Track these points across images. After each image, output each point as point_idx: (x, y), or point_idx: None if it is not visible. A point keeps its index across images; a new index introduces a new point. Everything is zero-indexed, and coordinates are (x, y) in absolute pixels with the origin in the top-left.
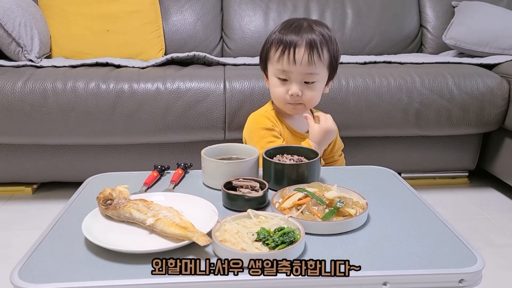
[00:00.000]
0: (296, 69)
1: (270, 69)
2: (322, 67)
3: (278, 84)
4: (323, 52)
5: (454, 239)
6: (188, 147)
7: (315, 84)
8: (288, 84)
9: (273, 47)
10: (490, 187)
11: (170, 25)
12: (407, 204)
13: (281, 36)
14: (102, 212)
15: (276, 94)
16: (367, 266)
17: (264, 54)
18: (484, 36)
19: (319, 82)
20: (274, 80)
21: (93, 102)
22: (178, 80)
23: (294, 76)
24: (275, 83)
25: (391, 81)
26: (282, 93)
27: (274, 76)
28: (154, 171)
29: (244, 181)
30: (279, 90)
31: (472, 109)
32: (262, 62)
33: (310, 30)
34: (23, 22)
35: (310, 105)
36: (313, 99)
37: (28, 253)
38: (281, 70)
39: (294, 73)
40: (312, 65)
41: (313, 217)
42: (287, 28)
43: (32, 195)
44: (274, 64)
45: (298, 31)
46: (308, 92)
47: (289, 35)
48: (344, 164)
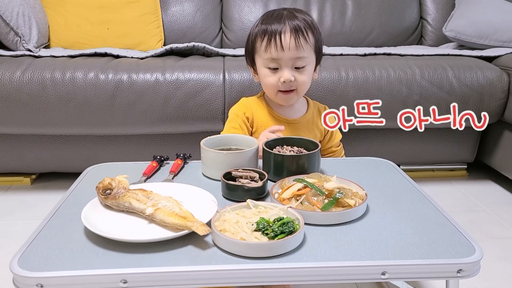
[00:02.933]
0: (285, 55)
1: (259, 61)
2: (310, 50)
3: (269, 74)
4: (309, 36)
5: (452, 230)
6: (188, 137)
7: (305, 68)
8: (279, 72)
9: (258, 39)
10: (489, 180)
11: (169, 16)
12: (406, 195)
13: (264, 27)
14: (101, 201)
15: (268, 84)
16: (366, 256)
17: (250, 48)
18: (484, 28)
19: (309, 66)
20: (264, 71)
21: (92, 93)
22: (178, 71)
23: (284, 62)
24: (265, 73)
25: (391, 73)
26: (274, 81)
27: (264, 66)
28: (154, 162)
29: (244, 171)
30: (270, 80)
31: (471, 102)
32: (248, 56)
33: (292, 16)
34: (21, 11)
35: (302, 90)
36: (305, 84)
37: (28, 241)
38: (270, 59)
39: (284, 59)
40: (300, 49)
41: (313, 207)
42: (269, 18)
43: (31, 185)
44: (262, 54)
45: (280, 19)
46: (299, 77)
47: (272, 25)
48: (343, 154)
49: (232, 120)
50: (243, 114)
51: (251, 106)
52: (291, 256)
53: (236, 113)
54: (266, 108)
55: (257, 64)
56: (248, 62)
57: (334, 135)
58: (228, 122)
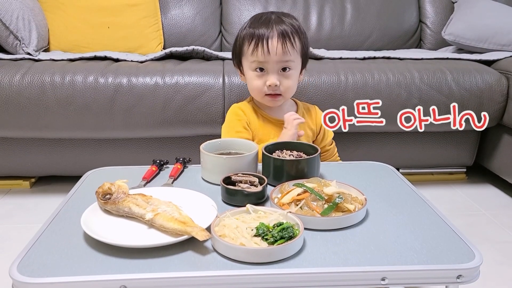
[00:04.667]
0: (272, 59)
1: (245, 64)
2: (296, 54)
3: (254, 77)
4: (295, 41)
5: (452, 235)
6: (187, 141)
7: (291, 72)
8: (265, 75)
9: (245, 42)
10: (488, 183)
11: (169, 19)
12: (405, 200)
13: (252, 30)
14: (101, 206)
15: (254, 87)
16: (366, 262)
17: (237, 50)
18: (483, 32)
19: (295, 70)
20: (250, 74)
21: (91, 96)
22: (177, 75)
23: (271, 66)
24: (251, 76)
25: (390, 76)
26: (260, 85)
27: (250, 69)
28: (153, 166)
29: (243, 176)
30: (256, 83)
31: (470, 105)
32: (236, 59)
33: (280, 21)
34: (21, 15)
35: (287, 95)
36: (290, 88)
37: (27, 247)
38: (257, 62)
39: (270, 62)
40: (287, 54)
41: (312, 212)
42: (257, 22)
43: (30, 189)
44: (249, 57)
45: (268, 23)
46: (285, 81)
47: (260, 29)
48: (336, 151)
49: (234, 125)
50: (244, 117)
51: (245, 111)
52: (291, 262)
53: (237, 118)
54: (257, 111)
55: (244, 67)
56: (235, 63)
57: (327, 134)
58: (228, 127)
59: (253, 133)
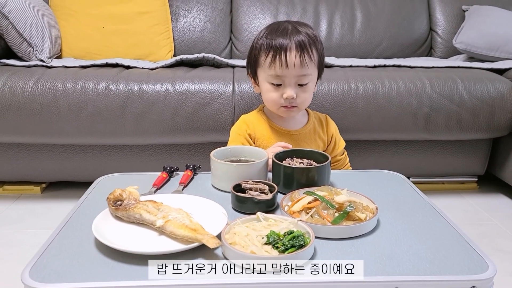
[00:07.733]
0: (290, 73)
1: (262, 75)
2: (313, 67)
3: (271, 89)
4: (313, 52)
5: (465, 245)
6: (197, 148)
7: (308, 85)
8: (282, 88)
9: (262, 53)
10: (499, 193)
11: (180, 27)
12: (417, 209)
13: (269, 41)
14: (112, 213)
15: (269, 99)
16: (378, 271)
17: (253, 60)
18: (494, 40)
19: (311, 83)
20: (266, 86)
21: (102, 103)
22: (187, 82)
23: (288, 80)
24: (268, 88)
25: (400, 84)
26: (277, 97)
27: (267, 82)
28: (163, 172)
29: (253, 183)
30: (273, 95)
31: (482, 114)
32: (251, 68)
33: (297, 32)
34: (35, 22)
35: (303, 106)
36: (306, 101)
37: (39, 253)
38: (274, 76)
39: (288, 76)
40: (305, 67)
41: (323, 221)
42: (274, 32)
43: (41, 194)
44: (266, 70)
45: (285, 34)
46: (302, 94)
47: (277, 39)
48: (347, 162)
49: (234, 139)
50: (245, 132)
51: (251, 123)
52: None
53: (237, 132)
54: (266, 121)
55: (259, 78)
56: (249, 73)
57: (338, 143)
58: (230, 142)
59: (260, 144)
